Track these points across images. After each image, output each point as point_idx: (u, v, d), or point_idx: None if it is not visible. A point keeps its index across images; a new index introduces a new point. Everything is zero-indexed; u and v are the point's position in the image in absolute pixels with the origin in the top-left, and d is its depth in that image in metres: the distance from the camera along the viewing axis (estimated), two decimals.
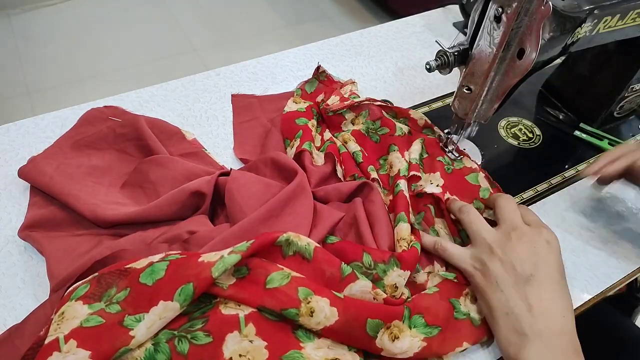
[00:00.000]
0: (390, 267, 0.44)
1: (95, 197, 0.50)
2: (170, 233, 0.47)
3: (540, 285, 0.40)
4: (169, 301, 0.37)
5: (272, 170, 0.54)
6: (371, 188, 0.52)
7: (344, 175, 0.56)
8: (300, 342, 0.40)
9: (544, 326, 0.38)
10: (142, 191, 0.52)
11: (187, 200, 0.49)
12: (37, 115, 0.61)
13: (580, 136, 0.66)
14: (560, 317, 0.38)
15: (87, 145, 0.57)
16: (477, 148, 0.63)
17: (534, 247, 0.42)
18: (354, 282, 0.42)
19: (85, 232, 0.48)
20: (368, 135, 0.60)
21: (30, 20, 2.07)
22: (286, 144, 0.59)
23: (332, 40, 0.79)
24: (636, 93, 0.65)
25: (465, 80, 0.52)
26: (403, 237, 0.47)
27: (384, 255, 0.45)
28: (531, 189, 0.59)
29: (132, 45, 2.00)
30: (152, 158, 0.54)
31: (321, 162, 0.57)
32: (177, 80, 0.69)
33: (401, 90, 0.71)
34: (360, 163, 0.56)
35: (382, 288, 0.43)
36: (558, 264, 0.42)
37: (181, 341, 0.38)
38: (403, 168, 0.54)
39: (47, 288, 0.44)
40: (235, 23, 2.19)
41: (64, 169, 0.53)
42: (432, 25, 0.85)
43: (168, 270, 0.39)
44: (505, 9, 0.44)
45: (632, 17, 0.52)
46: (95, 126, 0.59)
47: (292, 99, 0.66)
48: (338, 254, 0.45)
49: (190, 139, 0.60)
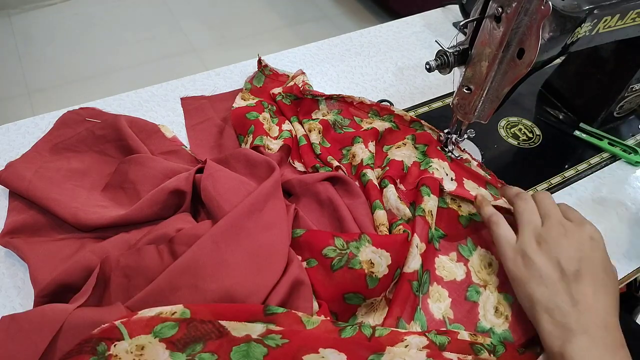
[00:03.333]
0: (362, 244, 0.45)
1: (76, 201, 0.49)
2: (155, 233, 0.46)
3: (585, 282, 0.40)
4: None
5: (244, 166, 0.54)
6: (346, 180, 0.53)
7: (306, 169, 0.57)
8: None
9: (589, 321, 0.38)
10: (123, 192, 0.52)
11: (168, 200, 0.48)
12: (37, 115, 0.61)
13: (580, 136, 0.66)
14: (605, 313, 0.39)
15: (66, 148, 0.56)
16: (477, 148, 0.63)
17: (579, 244, 0.42)
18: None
19: (67, 236, 0.48)
20: (333, 128, 0.61)
21: (30, 20, 2.07)
22: (240, 140, 0.60)
23: (332, 40, 0.79)
24: (636, 93, 0.65)
25: (465, 80, 0.52)
26: (382, 222, 0.49)
27: (354, 235, 0.46)
28: (531, 189, 0.59)
29: (132, 45, 2.01)
30: (130, 157, 0.53)
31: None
32: (177, 80, 0.69)
33: (401, 90, 0.71)
34: (318, 155, 0.57)
35: (359, 265, 0.43)
36: (602, 260, 0.42)
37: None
38: (366, 158, 0.56)
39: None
40: (235, 23, 2.19)
41: (44, 173, 0.52)
42: (432, 25, 0.85)
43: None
44: (505, 8, 0.44)
45: (632, 17, 0.52)
46: (73, 128, 0.58)
47: (240, 95, 0.65)
48: (308, 245, 0.45)
49: (170, 137, 0.59)
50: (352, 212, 0.50)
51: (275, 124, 0.61)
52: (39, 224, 0.48)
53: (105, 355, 0.36)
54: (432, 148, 0.59)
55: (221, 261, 0.43)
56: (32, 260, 0.46)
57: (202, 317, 0.38)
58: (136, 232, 0.47)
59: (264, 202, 0.48)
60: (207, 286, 0.41)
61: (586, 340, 0.37)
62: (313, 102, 0.63)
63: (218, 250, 0.43)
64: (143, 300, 0.40)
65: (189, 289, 0.41)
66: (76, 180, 0.53)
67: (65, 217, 0.47)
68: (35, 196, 0.49)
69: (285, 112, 0.63)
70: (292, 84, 0.65)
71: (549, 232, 0.43)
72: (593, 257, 0.42)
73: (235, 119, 0.61)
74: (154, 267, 0.43)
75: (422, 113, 0.68)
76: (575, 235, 0.43)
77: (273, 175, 0.50)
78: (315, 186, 0.52)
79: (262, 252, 0.44)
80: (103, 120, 0.58)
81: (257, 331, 0.38)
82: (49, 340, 0.37)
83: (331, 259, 0.44)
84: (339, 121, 0.62)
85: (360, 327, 0.40)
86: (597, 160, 0.64)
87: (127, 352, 0.36)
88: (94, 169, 0.55)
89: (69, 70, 1.86)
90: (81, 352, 0.35)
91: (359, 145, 0.58)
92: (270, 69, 0.70)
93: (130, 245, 0.46)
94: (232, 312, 0.38)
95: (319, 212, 0.52)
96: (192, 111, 0.64)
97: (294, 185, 0.53)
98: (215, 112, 0.64)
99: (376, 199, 0.51)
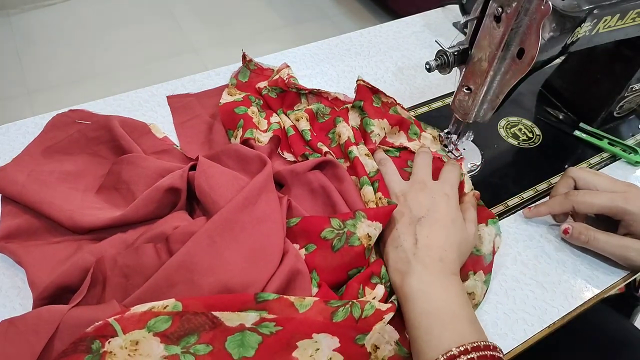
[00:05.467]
0: (358, 220, 0.47)
1: (71, 203, 0.49)
2: (152, 232, 0.46)
3: (426, 225, 0.47)
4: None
5: (235, 161, 0.54)
6: (333, 164, 0.54)
7: (295, 158, 0.57)
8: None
9: (425, 255, 0.45)
10: (118, 193, 0.52)
11: (163, 198, 0.48)
12: (37, 115, 0.61)
13: (580, 136, 0.66)
14: (442, 250, 0.45)
15: (58, 150, 0.55)
16: (477, 148, 0.63)
17: (432, 198, 0.49)
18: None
19: (63, 239, 0.47)
20: (316, 117, 0.62)
21: (30, 20, 2.07)
22: (229, 135, 0.60)
23: (332, 40, 0.79)
24: (636, 93, 0.65)
25: (465, 80, 0.52)
26: (371, 199, 0.51)
27: (349, 213, 0.48)
28: (531, 189, 0.59)
29: (132, 45, 2.00)
30: (122, 158, 0.53)
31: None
32: (177, 80, 0.69)
33: (401, 90, 0.71)
34: (309, 141, 0.58)
35: (358, 242, 0.45)
36: (449, 211, 0.48)
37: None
38: (351, 135, 0.57)
39: None
40: (235, 23, 2.19)
41: (37, 177, 0.51)
42: (432, 25, 0.85)
43: (259, 351, 0.38)
44: (505, 8, 0.44)
45: (632, 17, 0.52)
46: (64, 131, 0.57)
47: (227, 91, 0.65)
48: (305, 232, 0.46)
49: (161, 137, 0.59)
50: (344, 196, 0.51)
51: (264, 118, 0.61)
52: (34, 227, 0.48)
53: (100, 353, 0.36)
54: (367, 104, 0.60)
55: (217, 255, 0.43)
56: (29, 264, 0.45)
57: (194, 310, 0.38)
58: (133, 231, 0.47)
59: (258, 195, 0.48)
60: (204, 281, 0.42)
61: (421, 268, 0.44)
62: (297, 95, 0.64)
63: (213, 245, 0.43)
64: (140, 297, 0.40)
65: (185, 284, 0.41)
66: (70, 183, 0.52)
67: (60, 220, 0.47)
68: (29, 200, 0.48)
69: (271, 106, 0.64)
70: (277, 78, 0.65)
71: (411, 187, 0.51)
72: (440, 208, 0.48)
73: (224, 114, 0.61)
74: (152, 266, 0.43)
75: (422, 113, 0.68)
76: (431, 191, 0.50)
77: (265, 169, 0.50)
78: (306, 176, 0.53)
79: (257, 245, 0.45)
80: (94, 122, 0.57)
81: (251, 320, 0.39)
82: (45, 341, 0.37)
83: (331, 240, 0.45)
84: (321, 109, 0.62)
85: (352, 307, 0.41)
86: (597, 160, 0.64)
87: (122, 348, 0.36)
88: (88, 170, 0.54)
89: (69, 70, 1.86)
90: (76, 351, 0.35)
91: (341, 124, 0.59)
92: (255, 64, 0.70)
93: (128, 244, 0.46)
94: (224, 302, 0.39)
95: (312, 201, 0.52)
96: (180, 109, 0.64)
97: (285, 176, 0.53)
98: (203, 109, 0.64)
99: (363, 175, 0.53)
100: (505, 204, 0.57)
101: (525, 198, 0.58)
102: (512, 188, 0.59)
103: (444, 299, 0.42)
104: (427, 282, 0.43)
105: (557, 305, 0.49)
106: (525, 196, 0.58)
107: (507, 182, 0.58)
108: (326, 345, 0.40)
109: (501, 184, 0.59)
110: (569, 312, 0.49)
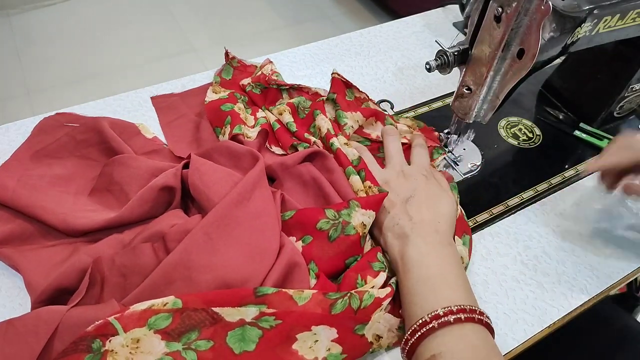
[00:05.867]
0: (352, 210, 0.47)
1: (63, 207, 0.48)
2: (149, 231, 0.46)
3: (415, 203, 0.49)
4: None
5: (227, 158, 0.54)
6: (323, 155, 0.54)
7: (284, 151, 0.57)
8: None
9: (421, 228, 0.46)
10: (111, 194, 0.51)
11: (158, 197, 0.48)
12: (37, 115, 0.61)
13: (580, 136, 0.66)
14: (435, 222, 0.47)
15: (47, 155, 0.55)
16: (477, 148, 0.63)
17: (415, 180, 0.52)
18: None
19: (58, 242, 0.47)
20: (297, 111, 0.62)
21: (30, 20, 2.06)
22: (217, 133, 0.60)
23: (332, 40, 0.79)
24: (636, 93, 0.65)
25: (465, 80, 0.52)
26: (360, 188, 0.52)
27: (343, 203, 0.48)
28: (531, 189, 0.59)
29: (132, 45, 2.00)
30: (113, 159, 0.52)
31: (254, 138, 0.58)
32: (177, 80, 0.69)
33: (401, 90, 0.71)
34: (295, 132, 0.58)
35: (354, 231, 0.46)
36: (432, 190, 0.51)
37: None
38: (330, 127, 0.57)
39: None
40: (235, 23, 2.19)
41: (27, 181, 0.51)
42: (432, 25, 0.85)
43: (259, 345, 0.38)
44: (505, 8, 0.44)
45: (632, 17, 0.52)
46: (52, 135, 0.57)
47: (212, 89, 0.66)
48: (300, 224, 0.47)
49: (151, 137, 0.59)
50: (335, 187, 0.52)
51: (250, 114, 0.61)
52: (27, 232, 0.47)
53: (101, 352, 0.36)
54: (340, 97, 0.61)
55: (214, 252, 0.43)
56: (25, 268, 0.45)
57: (194, 306, 0.38)
58: (129, 231, 0.47)
59: (251, 191, 0.48)
60: (202, 277, 0.42)
61: (419, 240, 0.45)
62: (278, 91, 0.64)
63: (210, 242, 0.43)
64: (139, 296, 0.40)
65: (183, 282, 0.41)
66: (61, 187, 0.52)
67: (54, 223, 0.46)
68: (20, 205, 0.48)
69: (256, 102, 0.64)
70: (259, 74, 0.65)
71: (391, 173, 0.54)
72: (423, 187, 0.51)
73: (210, 112, 0.61)
74: (149, 265, 0.43)
75: (422, 113, 0.68)
76: (410, 175, 0.53)
77: (258, 165, 0.50)
78: (297, 168, 0.53)
79: (254, 240, 0.45)
80: (82, 124, 0.57)
81: (251, 315, 0.39)
82: (44, 342, 0.37)
83: (327, 230, 0.46)
84: (302, 103, 0.62)
85: (350, 299, 0.41)
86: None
87: (123, 346, 0.36)
88: (78, 174, 0.54)
89: (69, 70, 1.86)
90: (76, 350, 0.35)
91: (319, 117, 0.59)
92: (238, 61, 0.70)
93: (125, 244, 0.46)
94: (223, 298, 0.39)
95: (304, 193, 0.53)
96: (165, 109, 0.64)
97: (276, 170, 0.53)
98: (189, 108, 0.64)
99: (348, 166, 0.53)
100: (505, 204, 0.57)
101: (525, 198, 0.58)
102: (512, 188, 0.59)
103: (441, 266, 0.44)
104: (425, 252, 0.44)
105: (557, 305, 0.49)
106: (525, 196, 0.58)
107: (507, 182, 0.58)
108: (325, 337, 0.40)
109: (501, 184, 0.59)
110: (569, 312, 0.49)
